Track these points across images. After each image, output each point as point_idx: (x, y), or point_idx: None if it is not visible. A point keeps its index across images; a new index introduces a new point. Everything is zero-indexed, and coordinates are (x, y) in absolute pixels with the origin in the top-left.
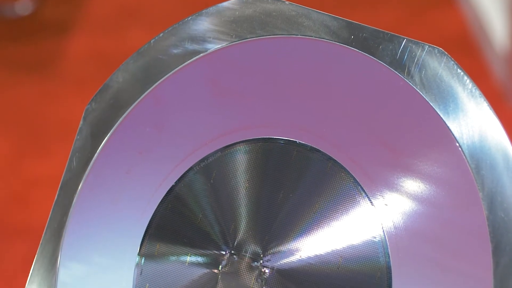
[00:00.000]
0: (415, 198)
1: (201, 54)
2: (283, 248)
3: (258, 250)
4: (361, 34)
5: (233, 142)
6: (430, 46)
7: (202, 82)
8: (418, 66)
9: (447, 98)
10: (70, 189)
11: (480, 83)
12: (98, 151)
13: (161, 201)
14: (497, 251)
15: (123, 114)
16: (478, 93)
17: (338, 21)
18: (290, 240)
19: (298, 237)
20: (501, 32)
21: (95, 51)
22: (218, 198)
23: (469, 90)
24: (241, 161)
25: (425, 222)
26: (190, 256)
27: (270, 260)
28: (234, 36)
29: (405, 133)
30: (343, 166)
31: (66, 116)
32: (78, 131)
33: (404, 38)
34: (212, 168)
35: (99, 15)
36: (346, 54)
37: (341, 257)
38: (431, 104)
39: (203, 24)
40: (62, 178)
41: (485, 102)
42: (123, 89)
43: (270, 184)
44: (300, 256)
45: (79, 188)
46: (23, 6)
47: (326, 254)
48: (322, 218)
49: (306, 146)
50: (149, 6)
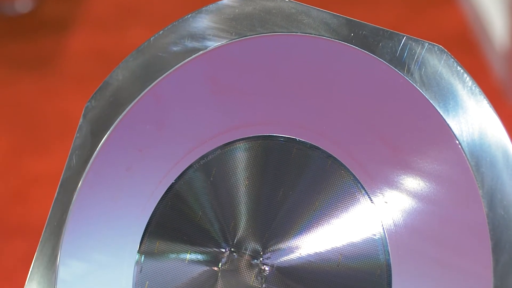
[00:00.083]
0: (415, 196)
1: (200, 52)
2: (283, 245)
3: (258, 247)
4: (361, 32)
5: (233, 140)
6: (430, 44)
7: (201, 80)
8: (418, 63)
9: (447, 96)
10: (70, 186)
11: (480, 81)
12: (98, 149)
13: (161, 198)
14: (497, 249)
15: (123, 111)
16: (478, 90)
17: (338, 18)
18: (290, 237)
19: (298, 234)
20: (501, 29)
21: (95, 49)
22: (218, 196)
23: (469, 88)
24: (241, 158)
25: (425, 220)
26: (190, 253)
27: (270, 257)
28: (233, 33)
29: (405, 130)
30: (343, 163)
31: (65, 113)
32: (78, 129)
33: (404, 36)
34: (212, 165)
35: (99, 13)
36: (346, 51)
37: (341, 254)
38: (431, 101)
39: (203, 21)
40: (62, 176)
41: (485, 100)
42: (123, 86)
43: (270, 181)
44: (300, 253)
45: (79, 185)
46: (23, 4)
47: (326, 251)
48: (322, 216)
49: (306, 143)
50: (148, 4)
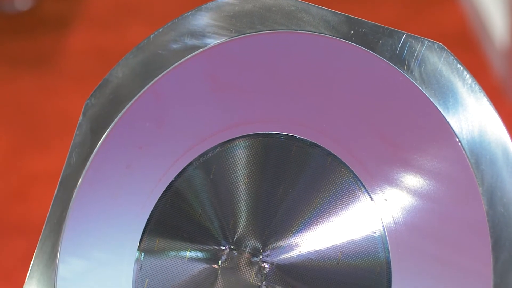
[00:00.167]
0: (415, 193)
1: (200, 49)
2: (283, 243)
3: (258, 245)
4: (360, 29)
5: (232, 137)
6: (429, 41)
7: (201, 77)
8: (417, 61)
9: (447, 93)
10: (70, 184)
11: (479, 79)
12: (97, 146)
13: (160, 196)
14: (496, 246)
15: (123, 109)
16: (477, 88)
17: (338, 16)
18: (290, 235)
19: (297, 232)
20: (500, 27)
21: (95, 46)
22: (218, 193)
23: (468, 85)
24: (240, 156)
25: (424, 217)
26: (190, 251)
27: (269, 255)
28: (233, 31)
29: (404, 128)
30: (343, 161)
31: (65, 111)
32: (77, 126)
33: (403, 33)
34: (211, 163)
35: (99, 10)
36: (345, 49)
37: (340, 252)
38: (431, 99)
39: (203, 19)
40: (61, 173)
41: (484, 97)
42: (123, 84)
43: (270, 179)
44: (299, 251)
45: (79, 183)
46: (23, 1)
47: (325, 249)
48: (321, 213)
49: (305, 141)
50: (148, 2)
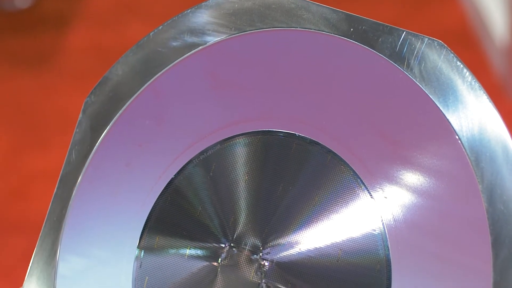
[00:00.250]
0: (415, 191)
1: (200, 47)
2: (283, 241)
3: (258, 243)
4: (360, 27)
5: (232, 135)
6: (429, 39)
7: (201, 75)
8: (417, 58)
9: (447, 91)
10: (70, 182)
11: (479, 76)
12: (97, 144)
13: (160, 194)
14: (496, 244)
15: (123, 106)
16: (477, 85)
17: (338, 13)
18: (290, 233)
19: (297, 230)
20: (500, 25)
21: (94, 44)
22: (218, 191)
23: (468, 83)
24: (240, 154)
25: (424, 215)
26: (190, 249)
27: (269, 253)
28: (233, 28)
29: (404, 125)
30: (343, 159)
31: (65, 109)
32: (77, 124)
33: (403, 31)
34: (211, 161)
35: (98, 8)
36: (345, 46)
37: (340, 250)
38: (431, 96)
39: (203, 16)
40: (61, 171)
41: (484, 95)
42: (123, 81)
43: (270, 177)
44: (299, 249)
45: (79, 181)
46: (22, 0)
47: (325, 247)
48: (321, 211)
49: (305, 138)
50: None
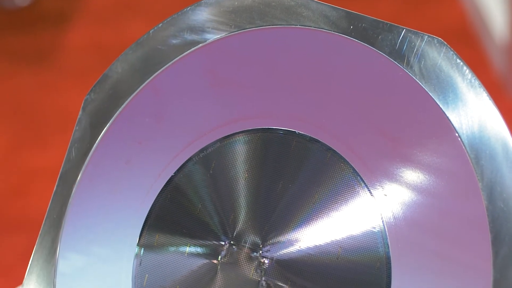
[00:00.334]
0: (415, 189)
1: (200, 45)
2: (283, 238)
3: (258, 240)
4: (360, 24)
5: (232, 133)
6: (429, 36)
7: (201, 73)
8: (417, 56)
9: (447, 88)
10: (69, 179)
11: (479, 74)
12: (97, 142)
13: (160, 191)
14: (496, 241)
15: (122, 104)
16: (477, 83)
17: (337, 11)
18: (290, 230)
19: (297, 227)
20: (500, 23)
21: (94, 42)
22: (217, 189)
23: (468, 80)
24: (240, 151)
25: (424, 213)
26: (189, 246)
27: (269, 250)
28: (233, 26)
29: (404, 123)
30: (343, 156)
31: (65, 107)
32: (77, 122)
33: (403, 28)
34: (211, 158)
35: (98, 6)
36: (345, 44)
37: (340, 247)
38: (431, 94)
39: (202, 14)
40: (61, 169)
41: (484, 93)
42: (122, 79)
43: (269, 174)
44: (299, 246)
45: (78, 178)
46: None
47: (325, 244)
48: (321, 209)
49: (305, 136)
50: None
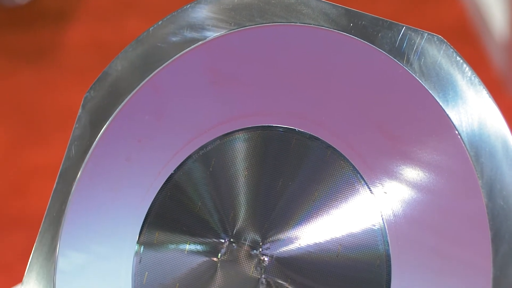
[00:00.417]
0: (414, 186)
1: (199, 42)
2: (282, 236)
3: (257, 238)
4: (360, 22)
5: (232, 130)
6: (429, 34)
7: (200, 70)
8: (417, 53)
9: (446, 86)
10: (69, 177)
11: (479, 72)
12: (97, 139)
13: (160, 189)
14: (496, 239)
15: (122, 102)
16: (477, 81)
17: (337, 8)
18: (289, 228)
19: (297, 225)
20: (500, 20)
21: (94, 40)
22: (217, 186)
23: (468, 78)
24: (240, 149)
25: (424, 210)
26: (189, 244)
27: (269, 248)
28: (233, 24)
29: (404, 121)
30: (342, 154)
31: (64, 105)
32: (77, 119)
33: (403, 26)
34: (211, 156)
35: (98, 4)
36: (345, 42)
37: (340, 245)
38: (430, 91)
39: (202, 12)
40: (61, 167)
41: (484, 90)
42: (122, 77)
43: (269, 172)
44: (299, 244)
45: (78, 176)
46: None
47: (325, 242)
48: (321, 206)
49: (305, 134)
50: None
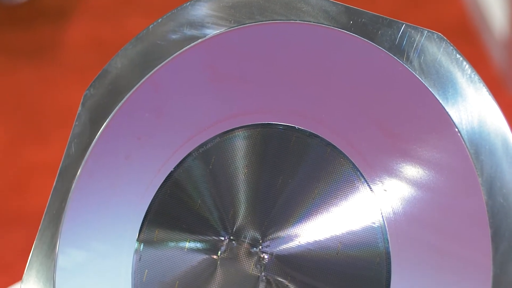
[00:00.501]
0: (414, 184)
1: (199, 40)
2: (282, 233)
3: (257, 235)
4: (360, 20)
5: (232, 128)
6: (429, 31)
7: (200, 68)
8: (417, 51)
9: (446, 84)
10: (69, 175)
11: (479, 69)
12: (96, 137)
13: (160, 187)
14: (496, 237)
15: (122, 99)
16: (477, 78)
17: (337, 6)
18: (289, 225)
19: (297, 222)
20: (500, 18)
21: (94, 37)
22: (217, 184)
23: (468, 76)
24: (240, 146)
25: (424, 208)
26: (189, 242)
27: (269, 245)
28: (232, 21)
29: (404, 118)
30: (342, 151)
31: (64, 102)
32: (76, 117)
33: (403, 23)
34: (211, 153)
35: (98, 1)
36: (345, 39)
37: (340, 243)
38: (430, 89)
39: (202, 9)
40: (60, 164)
41: (484, 88)
42: (122, 74)
43: (269, 169)
44: (299, 241)
45: (78, 174)
46: None
47: (325, 239)
48: (321, 204)
49: (305, 131)
50: None
